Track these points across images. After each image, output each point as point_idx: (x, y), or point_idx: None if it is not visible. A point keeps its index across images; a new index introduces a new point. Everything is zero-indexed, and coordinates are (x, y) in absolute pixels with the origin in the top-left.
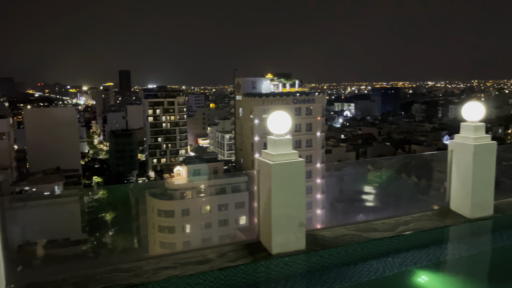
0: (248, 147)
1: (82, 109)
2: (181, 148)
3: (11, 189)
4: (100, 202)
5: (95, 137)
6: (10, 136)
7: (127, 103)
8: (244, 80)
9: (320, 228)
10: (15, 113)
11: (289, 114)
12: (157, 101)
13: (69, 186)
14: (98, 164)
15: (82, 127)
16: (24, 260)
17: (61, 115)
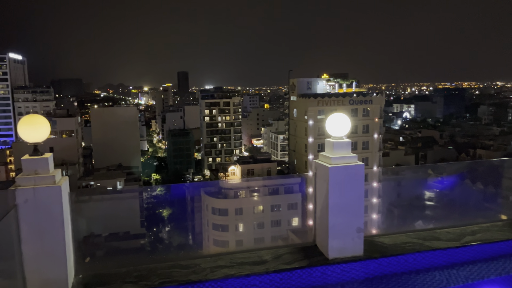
0: (302, 148)
1: (143, 109)
2: (236, 148)
3: (78, 183)
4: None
5: (155, 135)
6: (78, 133)
7: (184, 103)
8: (299, 80)
9: (378, 234)
10: (83, 112)
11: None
12: (214, 102)
13: (130, 182)
14: (157, 162)
15: (143, 126)
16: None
17: (124, 115)
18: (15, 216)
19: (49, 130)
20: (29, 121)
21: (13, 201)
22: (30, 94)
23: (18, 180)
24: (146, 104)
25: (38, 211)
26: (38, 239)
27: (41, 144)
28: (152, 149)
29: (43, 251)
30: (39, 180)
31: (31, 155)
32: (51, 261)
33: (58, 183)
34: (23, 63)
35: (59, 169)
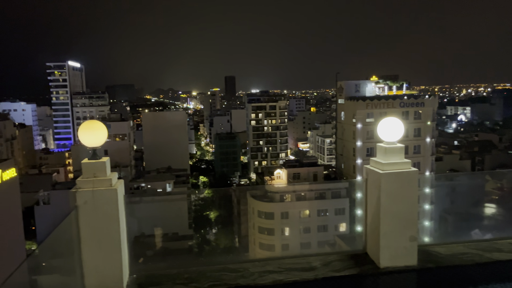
0: (350, 152)
1: (191, 113)
2: (282, 152)
3: (130, 185)
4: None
5: (202, 139)
6: (130, 137)
7: (231, 107)
8: (347, 83)
9: (433, 244)
10: (134, 116)
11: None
12: (260, 106)
13: (178, 184)
14: (204, 165)
15: (191, 130)
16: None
17: (173, 119)
18: (76, 217)
19: (106, 135)
20: (89, 127)
21: (74, 202)
22: (87, 100)
23: (79, 182)
24: (195, 108)
25: (96, 212)
26: (95, 239)
27: (99, 148)
28: (200, 152)
29: (100, 251)
30: (98, 183)
31: (90, 159)
32: (108, 260)
33: (114, 186)
34: (81, 70)
35: (115, 172)
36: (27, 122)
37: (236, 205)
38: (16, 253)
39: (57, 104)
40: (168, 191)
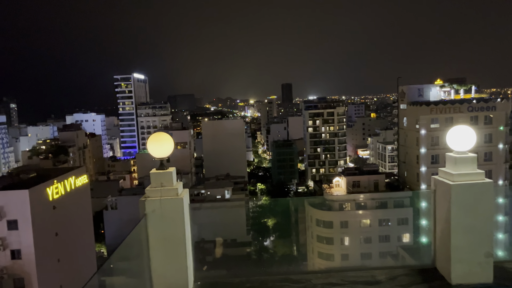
0: (413, 159)
1: (249, 121)
2: (340, 159)
3: (190, 191)
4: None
5: (260, 146)
6: (191, 145)
7: (288, 114)
8: (410, 87)
9: (510, 260)
10: (195, 125)
11: (465, 124)
12: (317, 112)
13: (237, 191)
14: (261, 172)
15: (249, 138)
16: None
17: (231, 127)
18: (145, 224)
19: (172, 146)
20: (156, 139)
21: (143, 211)
22: (150, 110)
23: (147, 191)
24: (252, 116)
25: (163, 221)
26: (163, 246)
27: (166, 159)
28: (257, 160)
29: (167, 258)
30: (165, 192)
31: (157, 169)
32: (174, 267)
33: (180, 195)
34: (145, 81)
35: (181, 182)
36: (97, 132)
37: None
38: (87, 254)
39: (123, 114)
40: (227, 197)
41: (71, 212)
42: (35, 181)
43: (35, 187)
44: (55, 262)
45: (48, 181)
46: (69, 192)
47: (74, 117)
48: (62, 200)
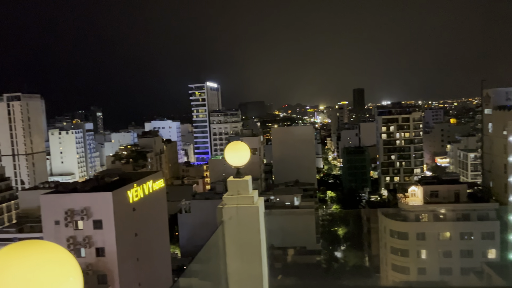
0: (500, 168)
1: (318, 127)
2: (416, 167)
3: None
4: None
5: (330, 153)
6: (260, 151)
7: (360, 120)
8: (495, 91)
9: None
10: (264, 131)
11: None
12: (391, 118)
13: (306, 198)
14: (331, 179)
15: (318, 144)
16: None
17: (301, 133)
18: (222, 231)
19: (249, 155)
20: (233, 147)
21: (221, 217)
22: (222, 117)
23: (225, 199)
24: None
25: (240, 228)
26: (239, 253)
27: (242, 167)
28: (327, 167)
29: (243, 265)
30: (241, 200)
31: (234, 177)
32: (250, 274)
33: (256, 203)
34: (217, 89)
35: (256, 190)
36: (173, 138)
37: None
38: (163, 255)
39: (197, 122)
40: (296, 204)
41: (149, 214)
42: (117, 184)
43: (118, 190)
44: (134, 261)
45: (128, 184)
46: (147, 195)
47: (152, 124)
48: (141, 203)
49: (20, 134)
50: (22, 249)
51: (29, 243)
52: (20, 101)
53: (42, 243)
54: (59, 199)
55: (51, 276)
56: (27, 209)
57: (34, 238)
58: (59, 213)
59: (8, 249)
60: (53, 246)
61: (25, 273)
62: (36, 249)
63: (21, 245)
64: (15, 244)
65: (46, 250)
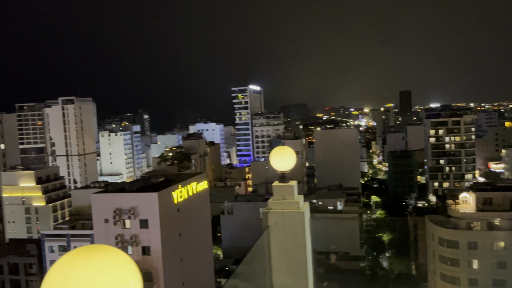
0: None
1: (363, 130)
2: (467, 172)
3: None
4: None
5: (374, 157)
6: (302, 154)
7: (407, 123)
8: None
9: None
10: (307, 134)
11: None
12: (440, 121)
13: (349, 203)
14: (376, 184)
15: (363, 147)
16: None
17: (344, 136)
18: (268, 236)
19: (294, 160)
20: (279, 152)
21: (266, 222)
22: (264, 120)
23: (270, 203)
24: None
25: (285, 233)
26: (284, 258)
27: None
28: (371, 171)
29: (288, 271)
30: (287, 205)
31: (280, 182)
32: (295, 281)
33: (301, 208)
34: (260, 93)
35: (301, 195)
36: (216, 140)
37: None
38: (206, 255)
39: (239, 124)
40: (339, 209)
41: (192, 215)
42: (163, 185)
43: (163, 191)
44: (178, 261)
45: (173, 185)
46: (191, 196)
47: (196, 126)
48: (185, 203)
49: (73, 135)
50: (88, 253)
51: (93, 248)
52: (74, 104)
53: (105, 248)
54: (108, 199)
55: (114, 280)
56: (79, 207)
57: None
58: (108, 212)
59: (74, 253)
60: (115, 251)
61: (90, 276)
62: (100, 254)
63: (86, 250)
64: (80, 248)
65: (109, 255)
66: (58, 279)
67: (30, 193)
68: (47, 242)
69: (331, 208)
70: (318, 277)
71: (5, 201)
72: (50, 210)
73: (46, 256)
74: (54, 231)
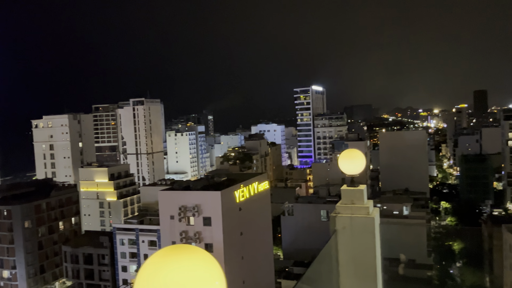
0: None
1: (432, 132)
2: None
3: None
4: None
5: (444, 160)
6: (366, 156)
7: (482, 125)
8: None
9: None
10: (371, 136)
11: None
12: None
13: (416, 208)
14: (446, 189)
15: (431, 150)
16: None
17: (412, 138)
18: (335, 240)
19: (364, 164)
20: (348, 155)
21: (334, 226)
22: (326, 120)
23: (338, 208)
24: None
25: (353, 239)
26: (352, 265)
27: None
28: (441, 175)
29: (357, 277)
30: (355, 210)
31: (348, 186)
32: (364, 287)
33: (371, 214)
34: (322, 93)
35: (371, 200)
36: (277, 141)
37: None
38: (266, 255)
39: (301, 125)
40: (405, 214)
41: (253, 214)
42: (225, 184)
43: (226, 190)
44: (239, 259)
45: (236, 185)
46: (252, 196)
47: (258, 127)
48: (247, 203)
49: (143, 135)
50: (175, 253)
51: (180, 248)
52: (143, 105)
53: (191, 248)
54: (174, 196)
55: (200, 280)
56: (147, 203)
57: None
58: (174, 209)
59: (162, 252)
60: (201, 251)
61: (179, 274)
62: (187, 254)
63: (174, 249)
64: (168, 248)
65: (195, 255)
66: (151, 274)
67: (103, 188)
68: (118, 235)
69: (396, 213)
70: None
71: (82, 195)
72: (121, 205)
73: (117, 248)
74: (125, 225)
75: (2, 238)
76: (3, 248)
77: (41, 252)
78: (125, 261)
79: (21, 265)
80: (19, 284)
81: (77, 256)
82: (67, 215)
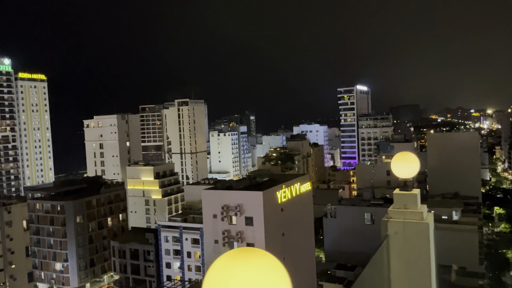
0: None
1: (485, 134)
2: None
3: None
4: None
5: (499, 164)
6: None
7: None
8: None
9: None
10: (418, 137)
11: None
12: None
13: (467, 213)
14: (500, 194)
15: (484, 153)
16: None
17: (462, 140)
18: (387, 245)
19: (418, 167)
20: (401, 158)
21: (385, 231)
22: (371, 121)
23: (390, 212)
24: (489, 128)
25: (406, 245)
26: (405, 271)
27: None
28: (495, 179)
29: (409, 283)
30: (408, 215)
31: (401, 190)
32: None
33: (425, 219)
34: (367, 93)
35: (425, 205)
36: (320, 142)
37: None
38: (308, 257)
39: (344, 126)
40: (455, 219)
41: (295, 215)
42: (267, 185)
43: (268, 190)
44: (281, 260)
45: (278, 185)
46: (294, 197)
47: (300, 127)
48: (289, 204)
49: (187, 135)
50: (244, 255)
51: (248, 250)
52: (188, 106)
53: (259, 252)
54: (217, 195)
55: (268, 282)
56: (191, 201)
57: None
58: (216, 208)
59: (232, 254)
60: (268, 255)
61: (247, 277)
62: (256, 257)
63: (243, 252)
64: (237, 250)
65: (264, 259)
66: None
67: (149, 186)
68: (162, 232)
69: (445, 217)
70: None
71: (129, 192)
72: (166, 203)
73: (162, 245)
74: (169, 222)
75: (56, 232)
76: (56, 241)
77: (91, 246)
78: (169, 257)
79: (72, 258)
80: (71, 277)
81: (124, 251)
82: (115, 211)
